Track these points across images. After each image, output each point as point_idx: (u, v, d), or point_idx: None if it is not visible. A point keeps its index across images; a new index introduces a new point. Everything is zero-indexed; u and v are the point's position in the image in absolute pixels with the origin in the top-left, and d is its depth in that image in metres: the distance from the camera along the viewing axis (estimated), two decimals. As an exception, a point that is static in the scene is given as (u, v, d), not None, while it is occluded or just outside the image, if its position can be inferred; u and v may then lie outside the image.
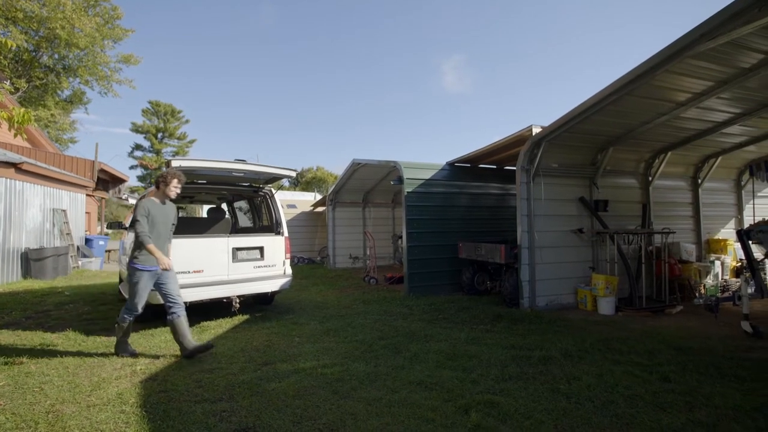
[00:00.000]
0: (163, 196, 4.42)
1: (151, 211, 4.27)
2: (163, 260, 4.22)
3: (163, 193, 4.41)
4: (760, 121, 7.18)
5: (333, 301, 7.49)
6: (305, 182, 45.90)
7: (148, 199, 4.37)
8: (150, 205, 4.29)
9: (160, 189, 4.42)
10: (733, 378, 3.59)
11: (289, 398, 3.26)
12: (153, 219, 4.27)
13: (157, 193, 4.44)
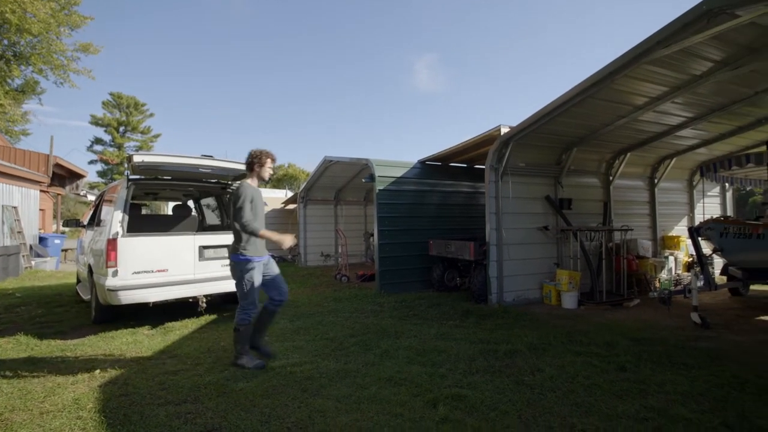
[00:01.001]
0: (258, 178, 4.10)
1: (254, 197, 3.90)
2: (285, 239, 3.93)
3: (258, 176, 4.09)
4: (709, 125, 7.66)
5: (304, 300, 7.42)
6: (276, 179, 45.16)
7: (247, 183, 3.97)
8: (251, 190, 3.92)
9: (254, 171, 4.06)
10: (682, 366, 3.82)
11: (257, 398, 3.21)
12: (255, 204, 3.91)
13: (251, 175, 4.08)
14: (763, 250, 5.90)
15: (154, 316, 5.93)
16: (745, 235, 5.83)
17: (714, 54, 5.23)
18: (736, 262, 6.44)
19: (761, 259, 6.14)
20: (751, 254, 6.00)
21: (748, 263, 6.34)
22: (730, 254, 6.09)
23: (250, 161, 4.05)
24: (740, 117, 7.51)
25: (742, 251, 5.94)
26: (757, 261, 6.22)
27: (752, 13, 4.10)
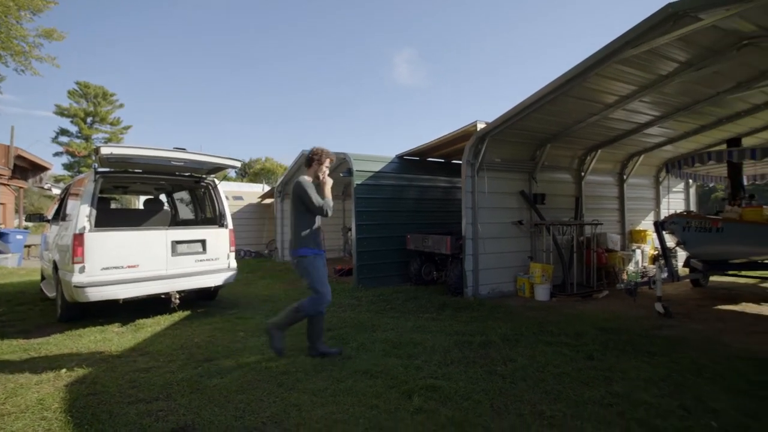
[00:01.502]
0: (313, 175, 4.06)
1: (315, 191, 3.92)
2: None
3: (314, 172, 4.05)
4: (675, 123, 7.98)
5: (280, 295, 7.36)
6: (253, 173, 44.40)
7: (307, 178, 3.98)
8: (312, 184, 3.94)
9: (312, 167, 4.06)
10: (646, 353, 4.01)
11: (232, 393, 3.18)
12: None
13: (308, 171, 4.08)
14: (722, 243, 6.21)
15: (125, 313, 5.77)
16: (705, 229, 6.11)
17: (679, 55, 5.44)
18: (698, 255, 6.75)
19: (719, 251, 6.46)
20: (710, 247, 6.30)
21: (708, 255, 6.66)
22: (692, 247, 6.38)
23: (311, 157, 4.06)
24: (703, 116, 7.85)
25: (703, 244, 6.22)
26: (716, 253, 6.54)
27: (714, 17, 4.29)
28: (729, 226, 6.17)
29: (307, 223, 3.94)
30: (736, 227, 6.26)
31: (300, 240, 3.93)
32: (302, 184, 3.85)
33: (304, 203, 3.86)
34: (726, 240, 6.17)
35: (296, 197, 3.91)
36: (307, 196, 3.82)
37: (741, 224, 6.37)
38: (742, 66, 5.89)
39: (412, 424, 2.71)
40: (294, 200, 3.95)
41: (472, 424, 2.69)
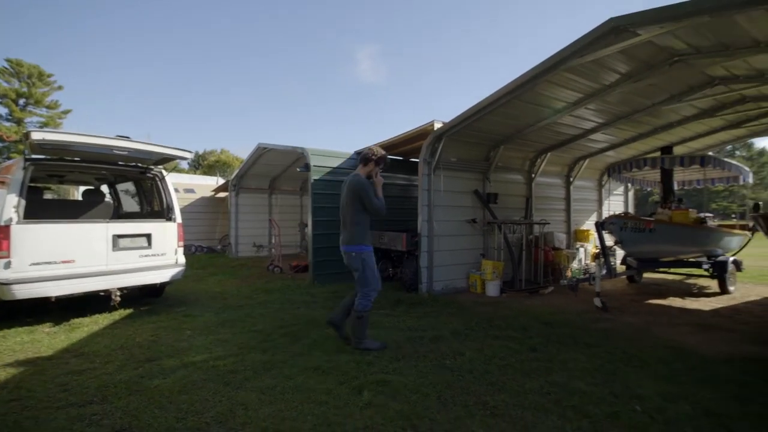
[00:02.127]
0: (366, 173, 4.15)
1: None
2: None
3: (369, 171, 4.15)
4: (616, 131, 8.53)
5: (232, 291, 7.14)
6: (207, 165, 42.63)
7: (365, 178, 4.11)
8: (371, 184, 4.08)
9: (368, 166, 4.15)
10: (584, 345, 4.28)
11: (174, 394, 3.06)
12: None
13: (363, 170, 4.16)
14: (653, 243, 6.73)
15: (58, 312, 5.37)
16: (640, 230, 6.59)
17: (620, 67, 5.82)
18: (633, 253, 7.28)
19: (651, 250, 7.00)
20: (644, 246, 6.81)
21: (642, 254, 7.19)
22: (628, 246, 6.86)
23: (369, 156, 4.14)
24: (641, 125, 8.46)
25: (637, 244, 6.71)
26: (648, 252, 7.08)
27: (650, 33, 4.63)
28: (660, 227, 6.70)
29: (365, 221, 4.09)
30: (665, 228, 6.82)
31: (357, 236, 4.07)
32: (363, 184, 4.01)
33: (363, 202, 3.99)
34: (657, 240, 6.70)
35: (355, 195, 4.00)
36: (367, 196, 3.97)
37: (670, 226, 6.95)
38: (674, 80, 6.40)
39: (360, 418, 2.73)
40: (351, 198, 4.02)
41: (420, 416, 2.76)
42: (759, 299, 6.88)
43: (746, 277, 8.70)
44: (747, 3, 3.68)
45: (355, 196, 4.00)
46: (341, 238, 4.22)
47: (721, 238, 7.79)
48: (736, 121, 8.73)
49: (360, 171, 4.16)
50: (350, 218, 4.06)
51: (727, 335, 4.74)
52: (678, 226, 7.01)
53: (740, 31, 4.61)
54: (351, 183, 4.06)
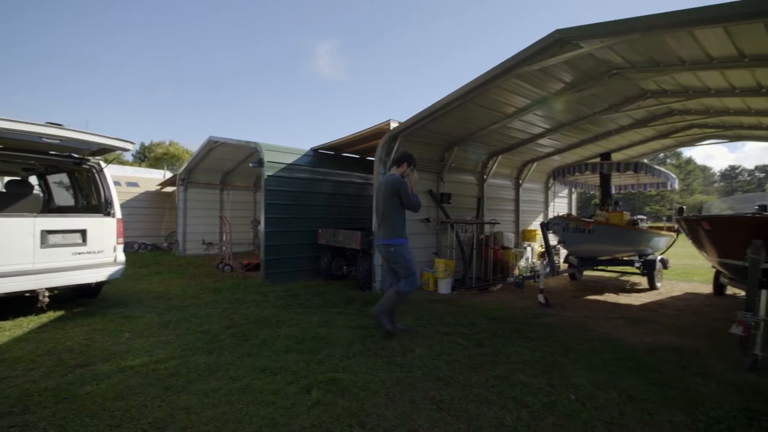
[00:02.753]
0: (400, 173, 4.55)
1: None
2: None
3: (404, 172, 4.56)
4: (562, 136, 9.04)
5: (177, 291, 6.80)
6: (154, 158, 40.27)
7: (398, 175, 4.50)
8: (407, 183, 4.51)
9: (402, 167, 4.56)
10: (527, 339, 4.50)
11: (108, 401, 2.87)
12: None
13: (398, 170, 4.58)
14: (592, 243, 7.20)
15: (-26, 314, 4.86)
16: (580, 230, 7.02)
17: (565, 77, 6.17)
18: (574, 252, 7.74)
19: (591, 249, 7.49)
20: (584, 246, 7.26)
21: (582, 253, 7.67)
22: (570, 245, 7.29)
23: (406, 158, 4.61)
24: (583, 132, 9.02)
25: (578, 243, 7.15)
26: (587, 251, 7.56)
27: (591, 47, 4.95)
28: (598, 228, 7.18)
29: (402, 216, 4.49)
30: (603, 229, 7.31)
31: (397, 230, 4.44)
32: (401, 182, 4.44)
33: (401, 198, 4.40)
34: (595, 240, 7.17)
35: (392, 193, 4.40)
36: (405, 194, 4.40)
37: (606, 226, 7.46)
38: (612, 92, 6.88)
39: (308, 417, 2.71)
40: (388, 195, 4.41)
41: (367, 413, 2.78)
42: (681, 294, 7.57)
43: (671, 275, 9.54)
44: (671, 25, 4.02)
45: (393, 193, 4.40)
46: (378, 233, 4.62)
47: (650, 239, 8.48)
48: (666, 132, 9.55)
49: (395, 171, 4.60)
50: (388, 214, 4.45)
51: (652, 327, 5.18)
52: (613, 227, 7.55)
53: (668, 49, 5.05)
54: (389, 182, 4.46)
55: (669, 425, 2.72)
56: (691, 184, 61.94)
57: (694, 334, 4.86)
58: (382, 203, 4.51)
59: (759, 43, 4.44)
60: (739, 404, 3.00)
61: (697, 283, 8.76)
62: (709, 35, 4.46)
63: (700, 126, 8.93)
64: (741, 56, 4.78)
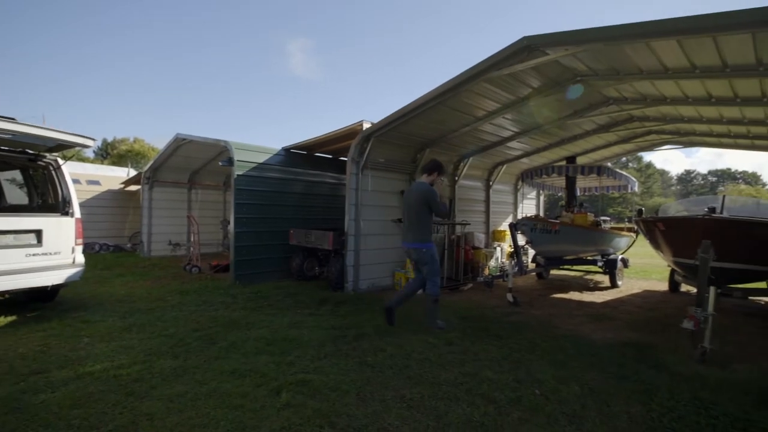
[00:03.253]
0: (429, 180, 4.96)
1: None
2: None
3: (433, 180, 4.97)
4: (530, 140, 9.31)
5: (142, 294, 6.56)
6: (117, 155, 38.59)
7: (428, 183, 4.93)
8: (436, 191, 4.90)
9: (432, 175, 4.98)
10: (495, 337, 4.61)
11: (64, 409, 2.74)
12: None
13: (427, 177, 4.99)
14: (558, 243, 7.46)
15: None
16: (547, 231, 7.26)
17: (533, 82, 6.37)
18: (541, 252, 8.00)
19: (557, 249, 7.76)
20: (550, 246, 7.52)
21: (549, 253, 7.94)
22: (537, 245, 7.53)
23: (436, 167, 5.01)
24: (551, 136, 9.33)
25: (545, 243, 7.39)
26: (554, 251, 7.83)
27: (557, 54, 5.13)
28: (563, 229, 7.45)
29: (429, 221, 4.89)
30: (568, 230, 7.59)
31: (426, 235, 4.86)
32: (431, 191, 4.84)
33: (430, 205, 4.79)
34: (561, 240, 7.43)
35: (423, 201, 4.79)
36: (434, 201, 4.79)
37: (571, 227, 7.75)
38: (577, 98, 7.15)
39: (277, 420, 2.68)
40: (419, 201, 4.80)
41: (338, 413, 2.78)
42: (640, 291, 7.96)
43: (632, 273, 10.01)
44: (629, 36, 4.24)
45: (424, 201, 4.78)
46: (406, 237, 4.99)
47: (612, 239, 8.86)
48: (626, 137, 10.01)
49: (425, 179, 4.99)
50: (417, 219, 4.83)
51: (612, 323, 5.42)
52: (578, 228, 7.85)
53: (627, 59, 5.30)
54: (420, 190, 4.85)
55: (626, 416, 2.87)
56: (651, 187, 65.20)
57: (650, 330, 5.12)
58: (412, 209, 4.90)
59: (708, 56, 4.73)
60: (689, 394, 3.19)
61: (654, 281, 9.23)
62: (664, 47, 4.72)
63: (658, 132, 9.42)
64: (693, 67, 5.08)
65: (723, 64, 4.82)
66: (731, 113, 6.92)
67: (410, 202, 4.93)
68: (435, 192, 4.85)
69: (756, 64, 4.66)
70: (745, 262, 5.32)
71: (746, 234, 5.17)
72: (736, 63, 4.77)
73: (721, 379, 3.50)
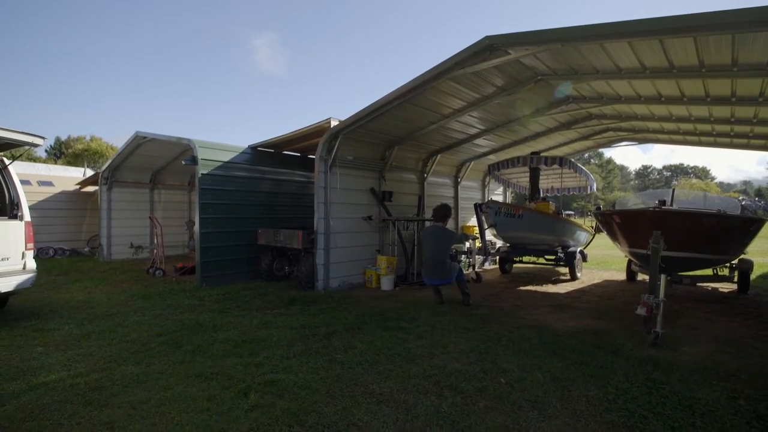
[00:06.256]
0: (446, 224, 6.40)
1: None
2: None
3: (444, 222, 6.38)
4: (496, 137, 9.54)
5: (101, 300, 6.27)
6: (72, 154, 36.54)
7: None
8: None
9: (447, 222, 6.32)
10: (463, 329, 4.73)
11: (16, 422, 2.61)
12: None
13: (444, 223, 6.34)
14: (521, 228, 7.50)
15: None
16: (511, 215, 7.35)
17: (497, 81, 6.53)
18: (505, 237, 8.06)
19: (519, 235, 7.80)
20: (513, 231, 7.57)
21: (512, 239, 8.03)
22: (501, 230, 7.57)
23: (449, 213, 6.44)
24: (515, 133, 9.60)
25: (508, 228, 7.46)
26: (516, 237, 7.89)
27: (518, 54, 5.28)
28: (527, 214, 7.56)
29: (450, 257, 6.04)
30: (531, 215, 7.70)
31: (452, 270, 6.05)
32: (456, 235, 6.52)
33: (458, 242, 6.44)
34: (524, 226, 7.50)
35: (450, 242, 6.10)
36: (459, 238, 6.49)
37: (534, 213, 7.91)
38: (538, 96, 7.40)
39: (245, 421, 2.65)
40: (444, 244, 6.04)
41: (307, 411, 2.78)
42: (601, 282, 8.34)
43: (593, 265, 10.46)
44: (584, 37, 4.43)
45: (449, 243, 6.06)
46: (432, 275, 6.08)
47: (573, 231, 9.20)
48: (586, 134, 10.44)
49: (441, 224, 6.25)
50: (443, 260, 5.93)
51: (574, 313, 5.66)
52: (540, 214, 8.04)
53: (584, 60, 5.54)
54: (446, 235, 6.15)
55: (585, 399, 3.02)
56: (612, 182, 68.25)
57: (609, 317, 5.39)
58: (434, 251, 5.99)
59: (657, 58, 5.01)
60: (642, 376, 3.40)
61: (614, 271, 9.69)
62: (617, 48, 4.97)
63: (615, 129, 9.88)
64: (643, 68, 5.37)
65: (670, 65, 5.12)
66: (679, 111, 7.35)
67: (433, 246, 6.03)
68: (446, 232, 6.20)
69: (699, 66, 4.98)
70: (693, 251, 5.67)
71: (693, 224, 5.51)
72: (682, 65, 5.08)
73: (671, 361, 3.74)
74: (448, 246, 5.99)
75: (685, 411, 2.82)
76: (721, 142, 9.22)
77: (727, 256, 6.47)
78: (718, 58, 4.76)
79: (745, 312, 5.73)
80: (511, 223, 7.34)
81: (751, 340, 4.48)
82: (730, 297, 6.80)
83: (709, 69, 5.01)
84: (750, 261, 6.88)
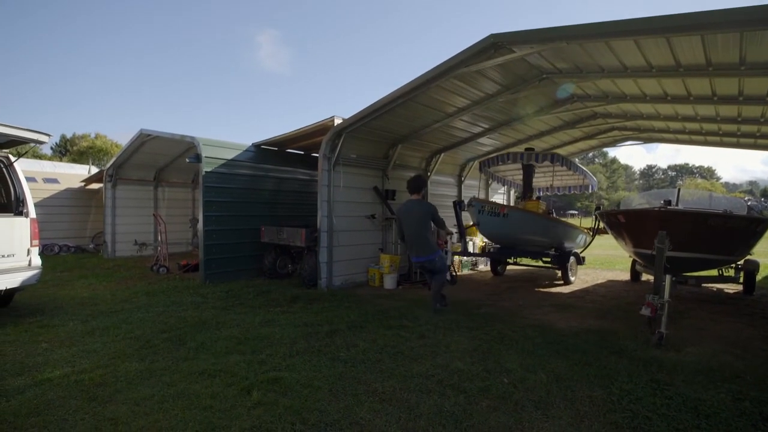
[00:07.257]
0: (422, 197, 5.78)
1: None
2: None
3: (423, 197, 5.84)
4: (499, 136, 9.50)
5: (105, 296, 6.30)
6: (77, 152, 36.76)
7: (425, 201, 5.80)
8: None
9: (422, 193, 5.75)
10: (466, 329, 4.72)
11: (21, 418, 2.62)
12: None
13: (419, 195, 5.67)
14: (506, 228, 7.25)
15: None
16: (495, 214, 7.19)
17: (501, 79, 6.50)
18: (489, 237, 7.88)
19: (504, 234, 7.52)
20: (498, 230, 7.32)
21: (497, 238, 7.79)
22: (484, 229, 7.37)
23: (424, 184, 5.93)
24: (518, 132, 9.55)
25: (492, 228, 7.26)
26: (501, 236, 7.62)
27: (523, 52, 5.25)
28: (512, 213, 7.30)
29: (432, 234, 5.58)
30: (517, 214, 7.41)
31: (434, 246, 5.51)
32: (435, 207, 5.61)
33: (435, 220, 5.52)
34: (510, 226, 7.20)
35: (428, 215, 5.47)
36: (438, 215, 5.55)
37: (521, 212, 7.61)
38: (543, 95, 7.35)
39: (248, 419, 2.65)
40: (424, 217, 5.45)
41: (310, 409, 2.78)
42: (604, 281, 8.30)
43: (597, 264, 10.42)
44: (590, 35, 4.40)
45: (429, 216, 5.46)
46: (416, 253, 5.50)
47: (567, 232, 8.69)
48: (591, 134, 10.37)
49: (416, 197, 5.60)
50: (423, 234, 5.41)
51: (578, 312, 5.64)
52: (528, 214, 7.67)
53: (589, 58, 5.49)
54: (422, 207, 5.50)
55: (588, 400, 3.00)
56: (616, 182, 67.93)
57: (612, 317, 5.37)
58: (415, 226, 5.41)
59: (664, 56, 4.97)
60: (646, 377, 3.38)
61: (618, 271, 9.64)
62: (623, 47, 4.92)
63: (620, 128, 9.81)
64: (649, 67, 5.33)
65: (677, 64, 5.07)
66: (685, 110, 7.29)
67: (412, 220, 5.43)
68: (427, 208, 5.50)
69: (706, 65, 4.93)
70: (698, 251, 5.63)
71: (698, 225, 5.47)
72: (689, 63, 5.03)
73: (675, 361, 3.71)
74: (426, 219, 5.46)
75: (690, 412, 2.80)
76: (727, 142, 9.14)
77: (732, 256, 6.41)
78: (726, 57, 4.71)
79: (750, 313, 5.69)
80: (495, 223, 7.07)
81: (756, 341, 4.44)
82: (736, 298, 6.76)
83: (716, 68, 4.96)
84: (756, 262, 6.83)
